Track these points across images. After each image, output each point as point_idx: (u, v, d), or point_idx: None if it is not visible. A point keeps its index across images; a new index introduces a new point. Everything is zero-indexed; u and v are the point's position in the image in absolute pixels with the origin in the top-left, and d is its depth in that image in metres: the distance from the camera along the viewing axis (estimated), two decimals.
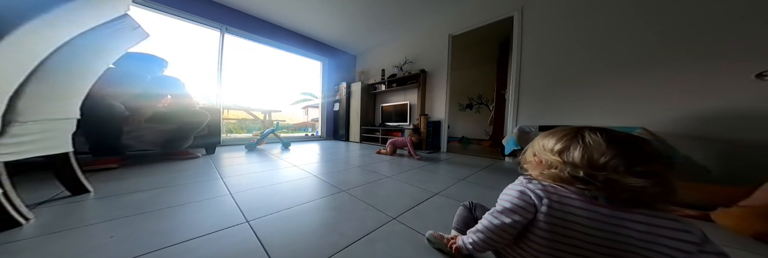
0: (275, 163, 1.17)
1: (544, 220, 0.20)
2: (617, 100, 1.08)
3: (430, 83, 2.14)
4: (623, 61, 1.08)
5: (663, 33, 0.96)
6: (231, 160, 1.24)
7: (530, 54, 1.43)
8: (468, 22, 1.83)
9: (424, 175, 0.95)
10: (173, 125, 1.11)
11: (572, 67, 1.25)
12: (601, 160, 0.20)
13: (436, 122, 2.06)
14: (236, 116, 3.20)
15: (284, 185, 0.77)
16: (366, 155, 1.56)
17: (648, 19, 1.00)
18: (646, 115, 0.98)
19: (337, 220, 0.50)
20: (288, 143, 1.94)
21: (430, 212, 0.55)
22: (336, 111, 3.00)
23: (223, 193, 0.66)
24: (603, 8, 1.15)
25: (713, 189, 0.56)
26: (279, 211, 0.55)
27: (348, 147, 2.10)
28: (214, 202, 0.59)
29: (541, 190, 0.21)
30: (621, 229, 0.19)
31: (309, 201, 0.62)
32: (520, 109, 1.47)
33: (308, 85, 3.66)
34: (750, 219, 0.42)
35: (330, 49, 2.94)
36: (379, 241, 0.41)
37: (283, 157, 1.41)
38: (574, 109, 1.23)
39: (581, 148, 0.21)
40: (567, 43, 1.28)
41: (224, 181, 0.80)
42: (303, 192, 0.70)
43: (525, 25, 1.47)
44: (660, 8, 0.96)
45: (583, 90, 1.21)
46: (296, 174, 0.94)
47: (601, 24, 1.16)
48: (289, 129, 3.99)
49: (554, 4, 1.35)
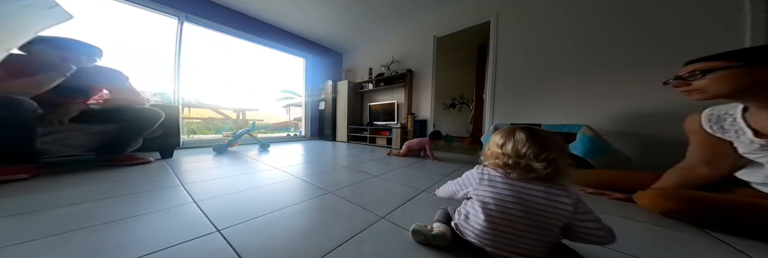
0: (251, 166, 1.06)
1: (474, 192, 0.31)
2: (570, 102, 1.25)
3: (416, 83, 2.18)
4: (575, 69, 1.24)
5: (599, 49, 1.16)
6: (194, 164, 1.09)
7: (504, 58, 1.55)
8: (451, 25, 1.91)
9: (412, 173, 0.95)
10: (113, 125, 0.92)
11: (538, 72, 1.39)
12: (522, 151, 0.29)
13: (422, 121, 2.10)
14: (201, 115, 2.84)
15: (263, 189, 0.69)
16: (354, 155, 1.51)
17: (589, 38, 1.20)
18: (589, 115, 1.17)
19: (324, 223, 0.47)
20: (266, 144, 1.78)
21: (418, 209, 0.55)
22: (321, 110, 2.88)
23: (185, 202, 0.57)
24: (559, 23, 1.31)
25: (634, 176, 0.67)
26: (257, 216, 0.49)
27: (335, 147, 2.01)
28: (175, 212, 0.50)
29: (479, 173, 0.33)
30: (529, 197, 0.28)
31: (292, 204, 0.57)
32: (495, 109, 1.58)
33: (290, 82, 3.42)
34: (658, 199, 0.51)
35: (314, 45, 2.82)
36: (368, 241, 0.39)
37: (262, 159, 1.29)
38: (540, 109, 1.37)
39: (512, 143, 0.31)
40: (534, 49, 1.41)
41: (186, 188, 0.69)
42: (285, 195, 0.64)
43: (500, 31, 1.58)
44: (596, 31, 1.18)
45: (546, 92, 1.35)
46: (277, 177, 0.86)
47: (559, 36, 1.31)
48: (269, 129, 3.67)
49: (524, 13, 1.48)
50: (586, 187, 0.72)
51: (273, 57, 2.64)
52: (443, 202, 0.57)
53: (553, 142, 0.30)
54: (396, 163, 1.24)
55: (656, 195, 0.51)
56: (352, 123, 2.61)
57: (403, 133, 2.05)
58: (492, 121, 1.57)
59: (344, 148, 1.92)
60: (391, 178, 0.85)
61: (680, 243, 0.40)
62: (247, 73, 3.34)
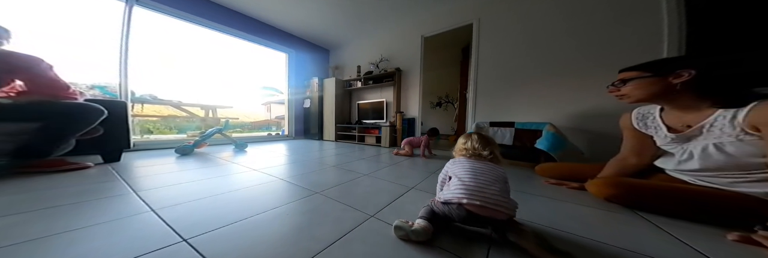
0: (225, 169, 0.97)
1: (452, 171, 0.47)
2: (538, 102, 1.40)
3: (404, 82, 2.20)
4: (541, 73, 1.39)
5: (559, 57, 1.33)
6: (150, 168, 0.96)
7: (485, 59, 1.65)
8: (438, 25, 1.95)
9: (401, 171, 0.97)
10: (32, 124, 0.76)
11: (512, 74, 1.51)
12: (476, 146, 0.51)
13: (410, 119, 2.15)
14: (159, 113, 2.44)
15: (240, 193, 0.65)
16: (343, 154, 1.49)
17: (551, 47, 1.35)
18: (553, 114, 1.34)
19: (311, 224, 0.45)
20: (243, 144, 1.65)
21: (406, 206, 0.57)
22: (307, 108, 2.75)
23: (140, 211, 0.50)
24: (528, 32, 1.44)
25: (585, 167, 0.78)
26: (234, 222, 0.45)
27: (322, 146, 1.95)
28: (127, 223, 0.44)
29: (451, 162, 0.51)
30: (481, 168, 0.45)
31: (275, 207, 0.54)
32: (477, 108, 1.68)
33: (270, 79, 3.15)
34: (601, 187, 0.59)
35: (298, 41, 2.66)
36: (357, 241, 0.39)
37: (237, 160, 1.19)
38: (514, 109, 1.50)
39: (470, 142, 0.53)
40: (509, 53, 1.53)
41: (140, 195, 0.61)
42: (267, 198, 0.61)
43: (481, 33, 1.67)
44: (556, 41, 1.34)
45: (519, 93, 1.48)
46: (257, 179, 0.80)
47: (528, 43, 1.45)
48: (246, 128, 3.34)
49: (501, 19, 1.58)
50: (550, 179, 0.83)
51: (250, 51, 2.43)
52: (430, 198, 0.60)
53: (491, 141, 0.53)
54: (386, 161, 1.25)
55: (600, 183, 0.60)
56: (340, 121, 2.55)
57: (393, 132, 2.07)
58: (474, 119, 1.67)
59: (332, 148, 1.87)
60: (380, 177, 0.86)
61: (618, 223, 0.48)
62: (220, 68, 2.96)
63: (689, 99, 0.51)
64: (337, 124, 2.49)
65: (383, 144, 2.05)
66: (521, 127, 1.23)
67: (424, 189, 0.70)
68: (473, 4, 1.73)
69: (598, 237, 0.41)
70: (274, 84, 3.05)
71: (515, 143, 1.23)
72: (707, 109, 0.49)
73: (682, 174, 0.56)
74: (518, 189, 0.72)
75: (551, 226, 0.45)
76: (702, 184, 0.52)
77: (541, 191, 0.70)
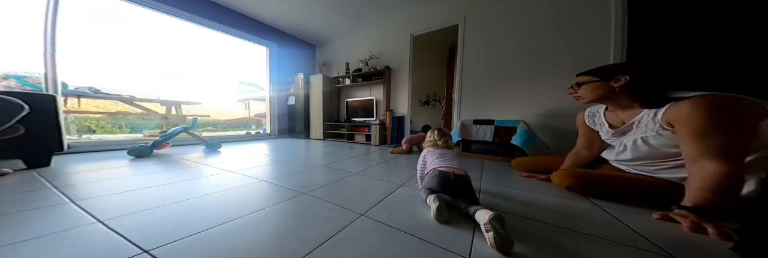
0: (194, 171, 0.89)
1: (427, 157, 0.67)
2: (514, 101, 1.53)
3: (394, 80, 2.20)
4: (517, 73, 1.51)
5: (526, 62, 1.46)
6: (92, 173, 0.83)
7: (470, 60, 1.72)
8: (426, 25, 1.97)
9: (390, 169, 0.99)
10: None
11: (494, 74, 1.61)
12: (436, 138, 0.73)
13: (399, 117, 2.18)
14: (105, 109, 2.04)
15: (214, 197, 0.60)
16: (331, 153, 1.45)
17: (522, 51, 1.48)
18: (526, 112, 1.48)
19: (298, 226, 0.44)
20: (216, 144, 1.51)
21: (397, 203, 0.58)
22: (291, 105, 2.60)
23: (84, 223, 0.44)
24: (508, 35, 1.54)
25: (551, 160, 0.88)
26: (208, 228, 0.42)
27: (309, 145, 1.88)
28: (68, 237, 0.38)
29: (425, 152, 0.70)
30: (444, 153, 0.66)
31: (256, 210, 0.51)
32: (462, 106, 1.77)
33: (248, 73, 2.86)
34: (562, 178, 0.67)
35: (281, 34, 2.48)
36: (347, 240, 0.39)
37: (210, 162, 1.10)
38: (494, 107, 1.62)
39: (433, 135, 0.74)
40: (491, 54, 1.62)
41: (79, 204, 0.53)
42: (247, 201, 0.57)
43: (467, 34, 1.73)
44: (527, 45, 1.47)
45: (498, 93, 1.59)
46: (234, 181, 0.75)
47: (506, 46, 1.55)
48: (219, 127, 3.02)
49: (484, 21, 1.66)
50: (523, 172, 0.92)
51: (223, 42, 2.19)
52: (418, 194, 0.63)
53: (445, 133, 0.74)
54: (376, 159, 1.26)
55: (560, 175, 0.69)
56: (328, 119, 2.48)
57: (383, 130, 2.07)
58: (460, 117, 1.76)
59: (320, 147, 1.82)
60: (370, 175, 0.87)
61: (573, 209, 0.56)
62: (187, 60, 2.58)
63: (625, 100, 0.61)
64: (325, 123, 2.41)
65: (373, 142, 2.05)
66: (500, 125, 1.33)
67: (413, 186, 0.73)
68: (459, 5, 1.77)
69: (557, 222, 0.48)
70: (253, 79, 2.78)
71: (495, 140, 1.33)
72: (638, 109, 0.59)
73: (620, 164, 0.67)
74: (497, 183, 0.78)
75: (520, 215, 0.51)
76: (635, 172, 0.63)
77: (516, 184, 0.77)
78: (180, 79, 2.40)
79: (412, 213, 0.51)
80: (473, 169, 1.01)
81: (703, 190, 0.45)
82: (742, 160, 0.45)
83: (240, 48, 2.32)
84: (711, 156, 0.45)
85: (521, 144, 1.18)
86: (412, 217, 0.49)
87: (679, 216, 0.46)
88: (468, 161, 1.25)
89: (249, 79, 2.93)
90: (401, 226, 0.44)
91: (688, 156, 0.49)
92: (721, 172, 0.44)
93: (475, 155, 1.41)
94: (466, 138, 1.45)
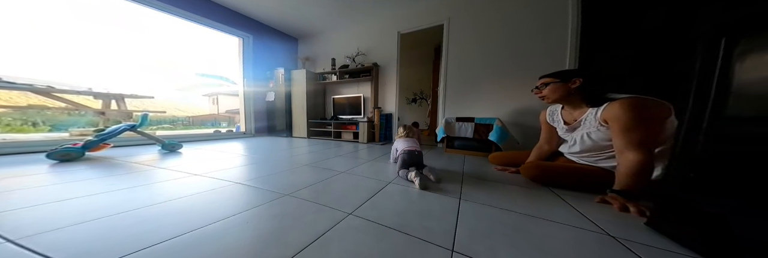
0: (147, 176, 0.78)
1: (397, 145, 1.00)
2: (491, 100, 1.65)
3: (382, 77, 2.18)
4: (494, 73, 1.62)
5: (506, 61, 1.57)
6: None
7: (454, 59, 1.79)
8: (413, 23, 1.97)
9: (378, 166, 1.01)
10: None
11: (475, 73, 1.70)
12: (405, 132, 1.05)
13: (387, 115, 2.19)
14: (10, 101, 1.64)
15: (175, 204, 0.54)
16: (317, 152, 1.41)
17: (502, 52, 1.58)
18: (501, 110, 1.61)
19: (280, 230, 0.42)
20: (175, 144, 1.33)
21: (385, 200, 0.58)
22: (270, 101, 2.43)
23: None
24: (486, 36, 1.63)
25: (521, 154, 0.99)
26: (166, 240, 0.37)
27: (292, 144, 1.79)
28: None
29: (396, 141, 1.03)
30: (408, 140, 0.98)
31: (230, 216, 0.47)
32: (446, 104, 1.85)
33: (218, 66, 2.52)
34: (530, 169, 0.75)
35: (258, 25, 2.27)
36: (335, 241, 0.38)
37: (167, 164, 0.98)
38: (476, 106, 1.72)
39: (402, 131, 1.06)
40: (473, 54, 1.71)
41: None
42: (218, 206, 0.53)
43: (451, 35, 1.79)
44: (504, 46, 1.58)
45: (479, 92, 1.70)
46: (200, 185, 0.68)
47: (485, 46, 1.64)
48: (180, 124, 2.67)
49: (466, 22, 1.72)
50: (497, 165, 1.02)
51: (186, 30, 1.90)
52: (406, 191, 0.67)
53: (409, 128, 1.05)
54: (364, 157, 1.26)
55: (526, 167, 0.78)
56: (313, 117, 2.38)
57: (371, 128, 2.07)
58: (444, 115, 1.84)
59: (304, 145, 1.75)
60: (358, 173, 0.87)
61: (536, 198, 0.64)
62: (135, 47, 2.14)
63: (578, 100, 0.71)
64: (309, 120, 2.32)
65: (361, 140, 2.04)
66: (479, 122, 1.44)
67: (402, 183, 0.75)
68: (444, 5, 1.80)
69: (522, 209, 0.55)
70: (222, 72, 2.48)
71: (475, 136, 1.43)
72: (585, 108, 0.69)
73: (571, 156, 0.78)
74: (476, 176, 0.86)
75: (493, 205, 0.57)
76: (582, 162, 0.75)
77: (491, 176, 0.86)
78: (123, 68, 1.99)
79: (401, 210, 0.53)
80: (456, 165, 1.08)
81: (626, 176, 0.55)
82: (654, 151, 0.56)
83: (206, 37, 2.06)
84: (633, 148, 0.55)
85: (496, 140, 1.30)
86: (401, 214, 0.50)
87: (611, 198, 0.56)
88: (451, 157, 1.33)
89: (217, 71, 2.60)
90: (390, 224, 0.45)
91: (616, 148, 0.60)
92: (638, 161, 0.54)
93: (458, 151, 1.50)
94: (449, 135, 1.53)
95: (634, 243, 0.39)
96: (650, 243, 0.39)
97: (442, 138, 1.55)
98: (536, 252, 0.36)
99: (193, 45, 2.01)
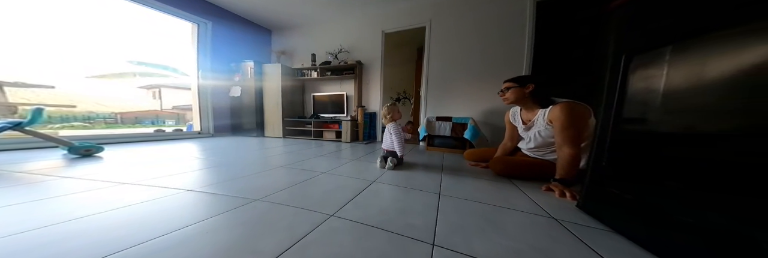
0: (44, 189, 0.61)
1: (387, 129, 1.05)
2: (466, 100, 1.81)
3: (365, 76, 2.16)
4: (468, 76, 1.77)
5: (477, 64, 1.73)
6: None
7: (435, 60, 1.88)
8: (397, 23, 1.99)
9: (361, 165, 1.00)
10: None
11: (454, 75, 1.83)
12: (386, 113, 1.06)
13: (372, 114, 2.18)
14: None
15: (94, 220, 0.43)
16: (295, 152, 1.33)
17: (475, 56, 1.74)
18: (474, 110, 1.78)
19: (249, 238, 0.39)
20: (88, 147, 1.05)
21: (370, 199, 0.58)
22: (236, 97, 2.17)
23: None
24: (463, 39, 1.76)
25: (490, 150, 1.10)
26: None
27: (264, 145, 1.64)
28: None
29: (386, 126, 1.07)
30: (392, 128, 1.02)
31: (174, 230, 0.40)
32: (428, 104, 1.94)
33: (159, 53, 2.10)
34: (496, 164, 0.85)
35: (220, 11, 2.00)
36: (315, 244, 0.37)
37: (76, 172, 0.78)
38: (453, 105, 1.85)
39: (384, 110, 1.07)
40: (452, 56, 1.82)
41: None
42: (160, 219, 0.44)
43: (432, 36, 1.87)
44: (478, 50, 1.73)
45: (457, 92, 1.83)
46: (133, 196, 0.56)
47: (463, 48, 1.77)
48: (102, 122, 2.15)
49: (445, 25, 1.82)
50: (470, 161, 1.13)
51: (112, 7, 1.52)
52: (398, 181, 0.68)
53: (392, 107, 1.06)
54: (347, 156, 1.24)
55: (492, 162, 0.89)
56: (290, 115, 2.23)
57: (354, 126, 2.03)
58: (426, 114, 1.92)
59: (279, 145, 1.63)
60: (341, 173, 0.85)
61: (502, 190, 0.73)
62: (24, 18, 1.63)
63: (532, 103, 0.83)
64: (285, 118, 2.15)
65: (344, 139, 1.99)
66: (456, 121, 1.56)
67: (387, 181, 0.76)
68: (425, 8, 1.86)
69: (488, 200, 0.62)
70: (169, 61, 2.07)
71: (452, 134, 1.55)
72: (537, 109, 0.83)
73: (528, 151, 0.92)
74: (453, 172, 0.93)
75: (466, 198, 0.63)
76: (534, 156, 0.89)
77: (466, 172, 0.94)
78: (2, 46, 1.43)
79: (385, 208, 0.53)
80: (436, 162, 1.15)
81: (563, 167, 0.69)
82: (580, 146, 0.70)
83: (147, 19, 1.67)
84: (568, 143, 0.69)
85: (470, 137, 1.44)
86: (385, 212, 0.50)
87: (553, 186, 0.69)
88: (432, 155, 1.41)
89: (161, 60, 2.14)
90: (374, 223, 0.45)
91: (557, 144, 0.73)
92: (571, 154, 0.68)
93: (438, 149, 1.60)
94: (430, 133, 1.62)
95: (570, 223, 0.48)
96: (581, 222, 0.49)
97: (424, 136, 1.64)
98: (503, 239, 0.41)
99: (126, 26, 1.28)
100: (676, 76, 0.37)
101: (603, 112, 0.50)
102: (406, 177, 0.83)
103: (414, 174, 0.87)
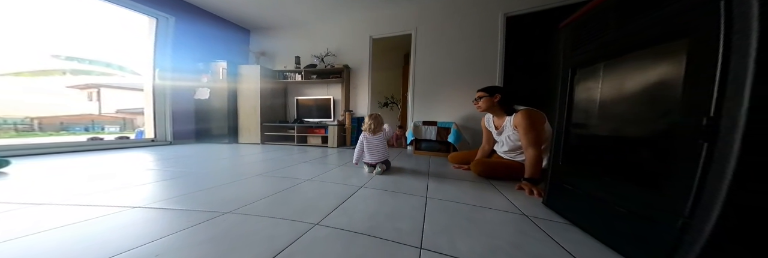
0: None
1: (363, 140, 1.00)
2: (450, 106, 1.92)
3: (353, 80, 2.17)
4: (452, 81, 1.89)
5: (458, 71, 1.86)
6: None
7: (421, 66, 1.97)
8: (384, 29, 2.07)
9: (348, 171, 0.98)
10: None
11: (438, 81, 1.93)
12: (370, 122, 1.01)
13: (359, 118, 2.17)
14: None
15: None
16: (275, 159, 1.25)
17: (456, 63, 1.88)
18: (457, 115, 1.89)
19: (219, 254, 0.35)
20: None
21: (357, 205, 0.58)
22: (202, 100, 2.00)
23: None
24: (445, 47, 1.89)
25: (471, 153, 1.18)
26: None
27: (238, 152, 1.52)
28: None
29: (362, 136, 1.02)
30: (376, 141, 1.00)
31: (119, 253, 0.34)
32: (415, 109, 2.01)
33: (101, 49, 1.84)
34: (476, 166, 0.93)
35: (186, 5, 1.87)
36: (298, 255, 0.36)
37: None
38: (438, 110, 1.95)
39: (368, 121, 1.02)
40: (437, 62, 1.93)
41: None
42: (94, 243, 0.37)
43: (418, 43, 1.97)
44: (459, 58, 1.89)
45: (441, 97, 1.94)
46: (51, 220, 0.46)
47: (445, 56, 1.90)
48: (11, 130, 1.75)
49: (432, 33, 1.94)
50: (454, 164, 1.19)
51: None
52: (385, 186, 0.67)
53: (377, 118, 1.02)
54: (333, 162, 1.21)
55: (473, 164, 0.97)
56: (269, 120, 2.11)
57: (341, 131, 1.99)
58: (413, 119, 1.99)
59: (256, 152, 1.52)
60: (326, 180, 0.83)
61: (481, 190, 0.79)
62: None
63: (500, 110, 0.94)
64: (264, 123, 2.03)
65: (331, 144, 1.93)
66: (441, 126, 1.65)
67: (374, 186, 0.76)
68: (412, 15, 1.97)
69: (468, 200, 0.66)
70: (114, 59, 1.82)
71: (437, 138, 1.63)
72: (505, 116, 0.93)
73: (503, 154, 1.01)
74: (438, 175, 0.96)
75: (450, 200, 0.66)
76: (507, 158, 0.98)
77: (450, 174, 0.99)
78: None
79: (372, 213, 0.53)
80: (423, 166, 1.19)
81: (529, 166, 0.77)
82: (541, 147, 0.80)
83: (87, 8, 1.46)
84: (531, 145, 0.78)
85: (453, 141, 1.53)
86: (373, 218, 0.50)
87: (524, 185, 0.77)
88: (419, 159, 1.45)
89: (103, 56, 1.83)
90: (362, 229, 0.45)
91: (523, 146, 0.83)
92: (535, 155, 0.77)
93: (424, 153, 1.66)
94: (417, 137, 1.68)
95: (538, 219, 0.54)
96: (546, 217, 0.54)
97: (411, 140, 1.69)
98: (483, 237, 0.44)
99: (51, 14, 0.84)
100: (606, 88, 0.47)
101: (557, 117, 0.58)
102: (394, 181, 0.84)
103: (402, 178, 0.89)
